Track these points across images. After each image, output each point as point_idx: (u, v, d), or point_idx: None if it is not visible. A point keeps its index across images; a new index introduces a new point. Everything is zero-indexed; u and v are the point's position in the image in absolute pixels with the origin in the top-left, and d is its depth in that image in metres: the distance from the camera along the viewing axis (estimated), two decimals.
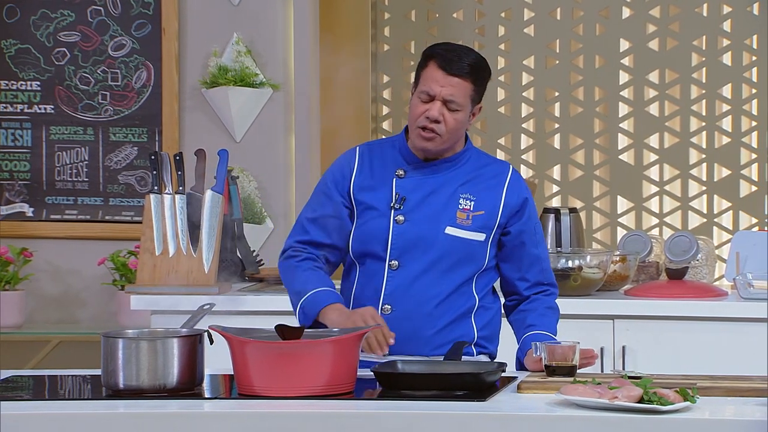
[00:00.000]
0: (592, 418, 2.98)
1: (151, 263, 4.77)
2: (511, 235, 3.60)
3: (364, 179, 3.60)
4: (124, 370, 3.21)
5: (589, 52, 6.15)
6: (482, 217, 3.57)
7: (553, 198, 6.17)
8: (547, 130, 6.19)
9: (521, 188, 3.62)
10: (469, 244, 3.56)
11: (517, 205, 3.60)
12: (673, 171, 6.15)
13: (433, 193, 3.58)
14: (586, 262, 4.73)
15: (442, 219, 3.56)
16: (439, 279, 3.55)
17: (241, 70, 5.52)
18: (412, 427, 3.00)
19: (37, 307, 5.61)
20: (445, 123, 3.52)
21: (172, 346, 3.23)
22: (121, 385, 3.22)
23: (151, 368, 3.21)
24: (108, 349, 3.24)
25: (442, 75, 3.51)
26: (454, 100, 3.51)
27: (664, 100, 6.14)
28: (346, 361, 3.22)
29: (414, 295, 3.55)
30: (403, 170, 3.59)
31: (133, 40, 5.64)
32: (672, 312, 4.60)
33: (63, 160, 5.66)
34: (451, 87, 3.50)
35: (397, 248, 3.56)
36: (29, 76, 5.66)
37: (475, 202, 3.57)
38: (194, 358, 3.25)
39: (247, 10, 5.60)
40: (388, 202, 3.57)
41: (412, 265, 3.55)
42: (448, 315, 3.56)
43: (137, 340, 3.25)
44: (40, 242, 5.61)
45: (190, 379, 3.24)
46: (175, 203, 4.80)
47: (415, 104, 3.55)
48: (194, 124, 5.62)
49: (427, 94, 3.52)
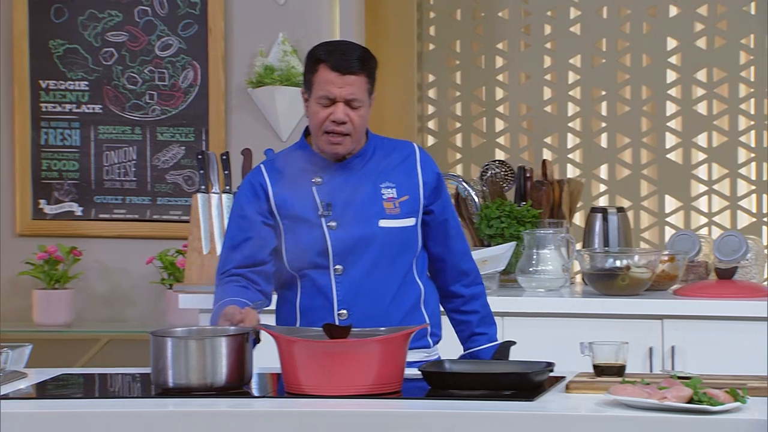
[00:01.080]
0: (641, 419, 2.96)
1: (198, 262, 4.79)
2: (435, 214, 3.65)
3: (282, 193, 3.59)
4: (173, 369, 3.22)
5: (636, 51, 6.12)
6: (408, 202, 3.60)
7: (600, 197, 6.14)
8: (594, 130, 6.17)
9: (432, 164, 3.67)
10: (404, 232, 3.59)
11: (433, 181, 3.65)
12: (721, 170, 6.11)
13: (355, 191, 3.58)
14: (634, 262, 4.71)
15: (373, 214, 3.57)
16: (385, 274, 3.57)
17: (287, 70, 5.53)
18: (460, 427, 2.99)
19: (86, 305, 5.65)
20: (351, 122, 3.53)
21: (221, 345, 3.24)
22: (171, 384, 3.23)
23: (199, 367, 3.22)
24: (157, 348, 3.25)
25: (337, 76, 3.51)
26: (355, 98, 3.52)
27: (712, 98, 6.10)
28: (394, 360, 3.22)
29: (366, 295, 3.57)
30: (319, 177, 3.59)
31: (180, 39, 5.66)
32: (721, 312, 4.57)
33: (111, 159, 5.70)
34: (349, 86, 3.51)
35: (338, 253, 3.56)
36: (77, 76, 5.69)
37: (397, 188, 3.60)
38: (242, 356, 3.26)
39: (292, 10, 5.61)
40: (315, 211, 3.57)
41: (357, 266, 3.56)
42: (401, 309, 3.59)
43: (186, 339, 3.26)
44: (89, 241, 5.64)
45: (239, 378, 3.25)
46: (222, 202, 4.82)
47: (315, 110, 3.53)
48: (240, 123, 5.64)
49: (326, 98, 3.52)
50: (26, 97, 5.68)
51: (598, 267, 4.74)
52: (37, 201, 5.70)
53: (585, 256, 4.78)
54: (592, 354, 3.35)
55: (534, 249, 4.86)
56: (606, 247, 4.97)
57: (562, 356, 3.64)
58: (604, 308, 4.64)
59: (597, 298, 4.70)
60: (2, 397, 3.23)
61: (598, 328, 4.50)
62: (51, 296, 5.45)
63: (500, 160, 5.40)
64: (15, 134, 5.68)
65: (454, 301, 3.74)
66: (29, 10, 5.66)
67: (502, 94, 6.20)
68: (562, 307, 4.68)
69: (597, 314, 4.64)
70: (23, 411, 3.13)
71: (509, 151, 6.17)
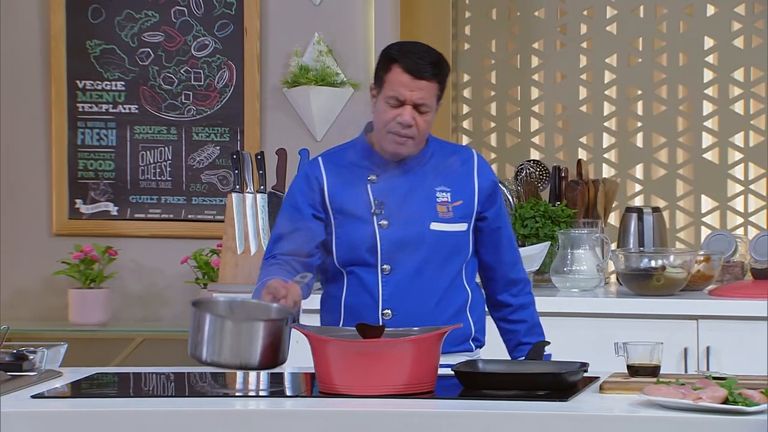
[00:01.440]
0: (675, 419, 2.95)
1: (233, 262, 4.80)
2: (488, 221, 3.64)
3: (337, 188, 3.59)
4: (208, 345, 3.22)
5: (672, 50, 6.09)
6: (461, 207, 3.59)
7: (635, 197, 6.12)
8: (630, 129, 6.14)
9: (489, 172, 3.66)
10: (455, 236, 3.58)
11: (489, 188, 3.64)
12: (758, 170, 6.07)
13: (409, 192, 3.58)
14: (669, 262, 4.69)
15: (425, 216, 3.56)
16: (433, 277, 3.57)
17: (322, 70, 5.54)
18: (493, 427, 2.99)
19: (121, 305, 5.67)
20: (417, 126, 3.52)
21: (258, 329, 3.22)
22: (204, 358, 3.23)
23: (234, 348, 3.21)
24: (196, 321, 3.25)
25: (410, 79, 3.49)
26: (425, 103, 3.51)
27: (749, 98, 6.06)
28: (427, 360, 3.22)
29: (412, 296, 3.56)
30: (375, 175, 3.58)
31: (216, 40, 5.68)
32: (757, 312, 4.55)
33: (147, 159, 5.72)
34: (420, 91, 3.50)
35: (386, 252, 3.56)
36: (114, 77, 5.72)
37: (451, 192, 3.59)
38: (279, 340, 3.25)
39: (328, 10, 5.62)
40: (367, 209, 3.56)
41: (405, 267, 3.56)
42: (447, 312, 3.58)
43: (223, 320, 3.25)
44: (125, 241, 5.67)
45: (272, 361, 3.25)
46: (256, 202, 4.83)
47: (383, 109, 3.52)
48: (275, 123, 5.65)
49: (396, 99, 3.50)
50: (63, 97, 5.71)
51: (632, 267, 4.72)
52: (73, 201, 5.73)
53: (620, 256, 4.76)
54: (626, 354, 3.34)
55: (568, 249, 4.85)
56: (641, 247, 4.95)
57: (596, 356, 3.63)
58: (638, 308, 4.63)
59: (632, 299, 4.69)
60: (38, 396, 3.25)
61: (633, 329, 4.49)
62: (86, 296, 5.47)
63: (535, 160, 5.39)
64: (52, 134, 5.72)
65: (502, 310, 3.73)
66: (66, 11, 5.69)
67: (537, 94, 6.19)
68: (597, 307, 4.67)
69: (631, 314, 4.62)
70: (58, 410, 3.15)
71: (544, 150, 6.16)
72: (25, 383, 3.36)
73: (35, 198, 5.73)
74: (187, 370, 3.59)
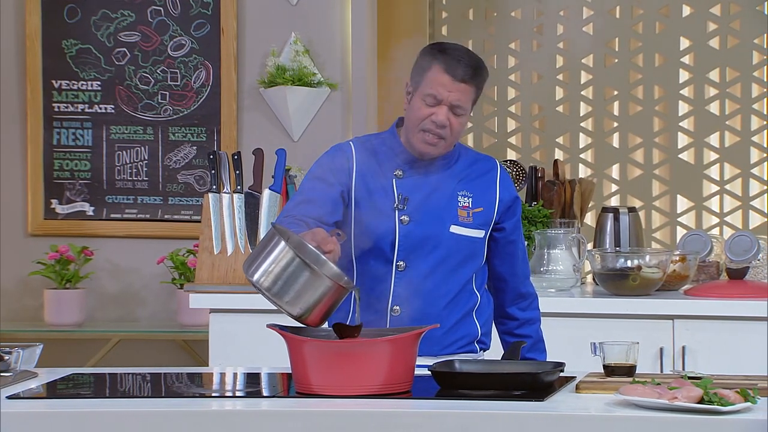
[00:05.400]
0: (651, 419, 2.96)
1: (209, 262, 4.80)
2: (505, 232, 3.64)
3: (364, 176, 3.56)
4: (277, 280, 3.15)
5: (648, 51, 6.11)
6: (482, 214, 3.59)
7: (611, 197, 6.14)
8: (606, 129, 6.16)
9: (511, 185, 3.67)
10: (472, 242, 3.58)
11: (509, 201, 3.64)
12: (733, 170, 6.10)
13: (433, 192, 3.57)
14: (645, 262, 4.70)
15: (446, 218, 3.56)
16: (446, 279, 3.56)
17: (299, 70, 5.53)
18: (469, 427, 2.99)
19: (97, 305, 5.66)
20: (450, 128, 3.52)
21: (330, 290, 3.15)
22: (267, 287, 3.15)
23: (299, 293, 3.15)
24: (266, 241, 3.17)
25: (450, 80, 3.49)
26: (461, 105, 3.51)
27: (725, 98, 6.09)
28: (404, 360, 3.22)
29: (423, 296, 3.55)
30: (401, 170, 3.57)
31: (193, 40, 5.67)
32: (732, 312, 4.56)
33: (123, 159, 5.71)
34: (459, 92, 3.50)
35: (404, 249, 3.55)
36: (90, 76, 5.70)
37: (473, 198, 3.59)
38: (334, 307, 3.19)
39: (305, 10, 5.62)
40: (390, 203, 3.55)
41: (419, 266, 3.55)
42: (455, 314, 3.57)
43: (308, 267, 3.14)
44: (101, 241, 5.65)
45: (321, 322, 3.19)
46: (233, 202, 4.82)
47: (418, 106, 3.51)
48: (252, 123, 5.64)
49: (434, 98, 3.50)
50: (39, 97, 5.70)
51: (609, 267, 4.73)
52: (48, 201, 5.71)
53: (596, 256, 4.78)
54: (602, 354, 3.35)
55: (545, 249, 4.86)
56: (617, 247, 4.96)
57: (572, 356, 3.64)
58: (614, 308, 4.64)
59: (608, 298, 4.70)
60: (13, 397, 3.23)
61: (609, 328, 4.50)
62: (62, 296, 5.46)
63: (512, 160, 5.39)
64: (27, 134, 5.70)
65: (508, 324, 3.73)
66: (42, 10, 5.68)
67: (514, 94, 6.20)
68: (573, 307, 4.68)
69: (608, 314, 4.63)
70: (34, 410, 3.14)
71: (521, 150, 6.17)
72: (0, 384, 3.34)
73: (10, 198, 5.71)
74: (164, 371, 3.58)
